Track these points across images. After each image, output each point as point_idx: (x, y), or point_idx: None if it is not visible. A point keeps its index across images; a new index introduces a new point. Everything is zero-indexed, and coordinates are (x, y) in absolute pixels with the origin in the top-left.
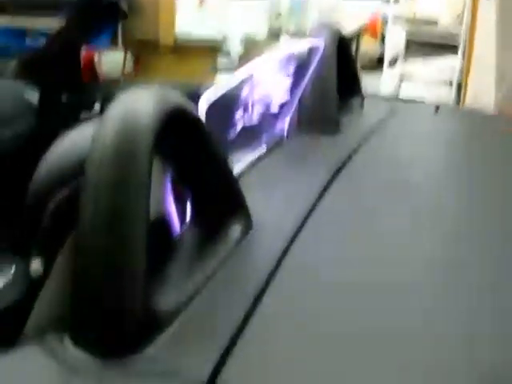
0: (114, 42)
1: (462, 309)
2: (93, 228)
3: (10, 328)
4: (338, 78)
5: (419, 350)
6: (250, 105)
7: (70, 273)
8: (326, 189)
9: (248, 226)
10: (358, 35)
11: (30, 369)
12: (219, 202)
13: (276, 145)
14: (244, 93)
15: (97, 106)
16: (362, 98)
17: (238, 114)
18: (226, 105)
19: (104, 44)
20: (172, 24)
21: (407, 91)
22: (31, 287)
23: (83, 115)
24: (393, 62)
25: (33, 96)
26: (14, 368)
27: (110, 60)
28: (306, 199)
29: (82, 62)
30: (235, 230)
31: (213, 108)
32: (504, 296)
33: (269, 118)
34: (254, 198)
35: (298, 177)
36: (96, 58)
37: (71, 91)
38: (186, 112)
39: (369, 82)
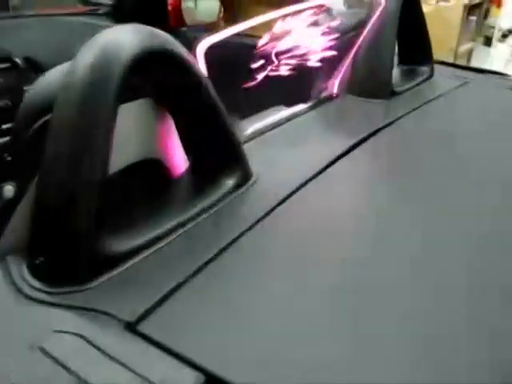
0: None
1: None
2: (50, 161)
3: None
4: (404, 40)
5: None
6: (273, 56)
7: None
8: (347, 152)
9: (244, 178)
10: (481, 3)
11: None
12: (213, 151)
13: (320, 102)
14: (262, 42)
15: None
16: (432, 65)
17: (256, 63)
18: (235, 53)
19: None
20: None
21: None
22: (1, 210)
23: None
24: (506, 35)
25: None
26: None
27: (204, 6)
28: (322, 160)
29: (168, 6)
30: (228, 181)
31: (213, 53)
32: None
33: (310, 73)
34: (271, 152)
35: (327, 137)
36: (183, 3)
37: None
38: (171, 53)
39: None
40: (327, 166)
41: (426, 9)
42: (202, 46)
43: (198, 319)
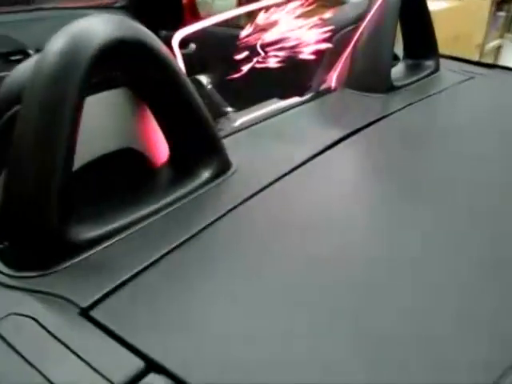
0: None
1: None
2: (15, 149)
3: None
4: (408, 34)
5: None
6: (258, 47)
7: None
8: (331, 147)
9: (221, 169)
10: None
11: None
12: (190, 143)
13: (317, 95)
14: (244, 34)
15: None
16: (437, 59)
17: (240, 54)
18: (216, 43)
19: None
20: None
21: None
22: None
23: None
24: None
25: None
26: None
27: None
28: (305, 153)
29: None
30: (204, 172)
31: (190, 44)
32: None
33: (306, 66)
34: (257, 143)
35: (317, 130)
36: None
37: (170, 28)
38: (142, 44)
39: None
40: (309, 160)
41: (451, 3)
42: (177, 38)
43: (148, 308)
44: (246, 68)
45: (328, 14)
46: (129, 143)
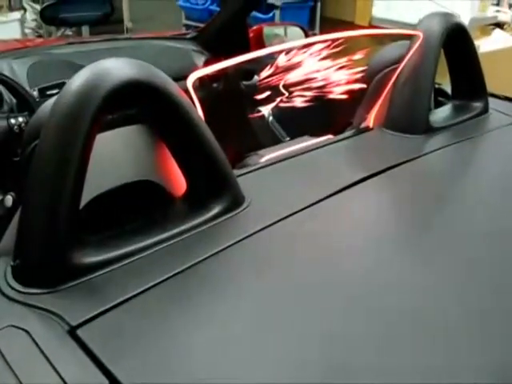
0: (311, 21)
1: None
2: (31, 178)
3: None
4: (455, 74)
5: None
6: (281, 87)
7: None
8: (350, 187)
9: (233, 204)
10: None
11: None
12: (202, 178)
13: (351, 135)
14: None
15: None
16: (485, 100)
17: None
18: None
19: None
20: (369, 6)
21: None
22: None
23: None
24: None
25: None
26: None
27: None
28: (322, 192)
29: (250, 34)
30: (215, 206)
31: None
32: None
33: (340, 105)
34: (277, 180)
35: (341, 169)
36: (265, 31)
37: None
38: (155, 85)
39: None
40: (323, 199)
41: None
42: (192, 78)
43: (132, 334)
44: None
45: (358, 56)
46: (147, 175)
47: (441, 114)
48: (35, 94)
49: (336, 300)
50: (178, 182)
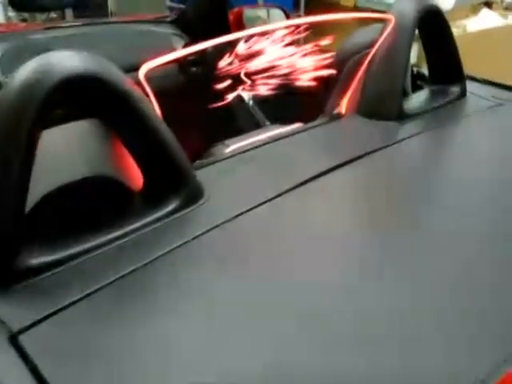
0: (296, 2)
1: None
2: None
3: None
4: (432, 59)
5: None
6: (242, 76)
7: None
8: (317, 177)
9: (190, 199)
10: None
11: None
12: (158, 172)
13: (320, 122)
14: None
15: None
16: (463, 85)
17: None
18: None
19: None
20: None
21: None
22: None
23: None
24: None
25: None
26: None
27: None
28: (284, 184)
29: (230, 18)
30: (171, 201)
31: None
32: None
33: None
34: (238, 173)
35: (308, 158)
36: (246, 13)
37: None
38: (102, 78)
39: None
40: (287, 191)
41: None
42: (144, 69)
43: (79, 340)
44: (229, 96)
45: (325, 41)
46: (100, 171)
47: (416, 99)
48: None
49: (289, 308)
50: (135, 178)
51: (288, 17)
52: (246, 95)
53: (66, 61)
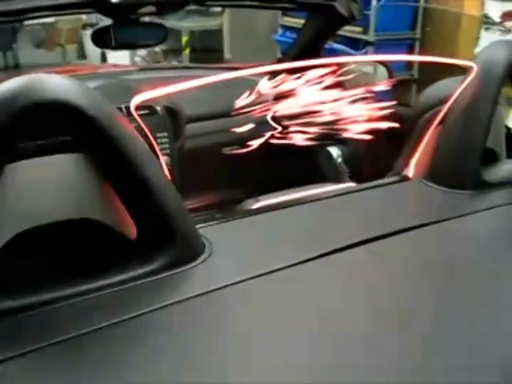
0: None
1: None
2: None
3: None
4: None
5: None
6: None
7: None
8: (339, 251)
9: (181, 259)
10: None
11: None
12: (147, 222)
13: (379, 184)
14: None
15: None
16: None
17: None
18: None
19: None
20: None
21: None
22: None
23: None
24: None
25: None
26: None
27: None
28: (304, 255)
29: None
30: (159, 258)
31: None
32: None
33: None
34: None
35: (337, 227)
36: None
37: None
38: (80, 112)
39: None
40: (302, 262)
41: None
42: (135, 101)
43: None
44: (255, 143)
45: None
46: (89, 213)
47: (506, 165)
48: None
49: None
50: (128, 224)
51: (391, 75)
52: (335, 151)
53: (47, 85)
